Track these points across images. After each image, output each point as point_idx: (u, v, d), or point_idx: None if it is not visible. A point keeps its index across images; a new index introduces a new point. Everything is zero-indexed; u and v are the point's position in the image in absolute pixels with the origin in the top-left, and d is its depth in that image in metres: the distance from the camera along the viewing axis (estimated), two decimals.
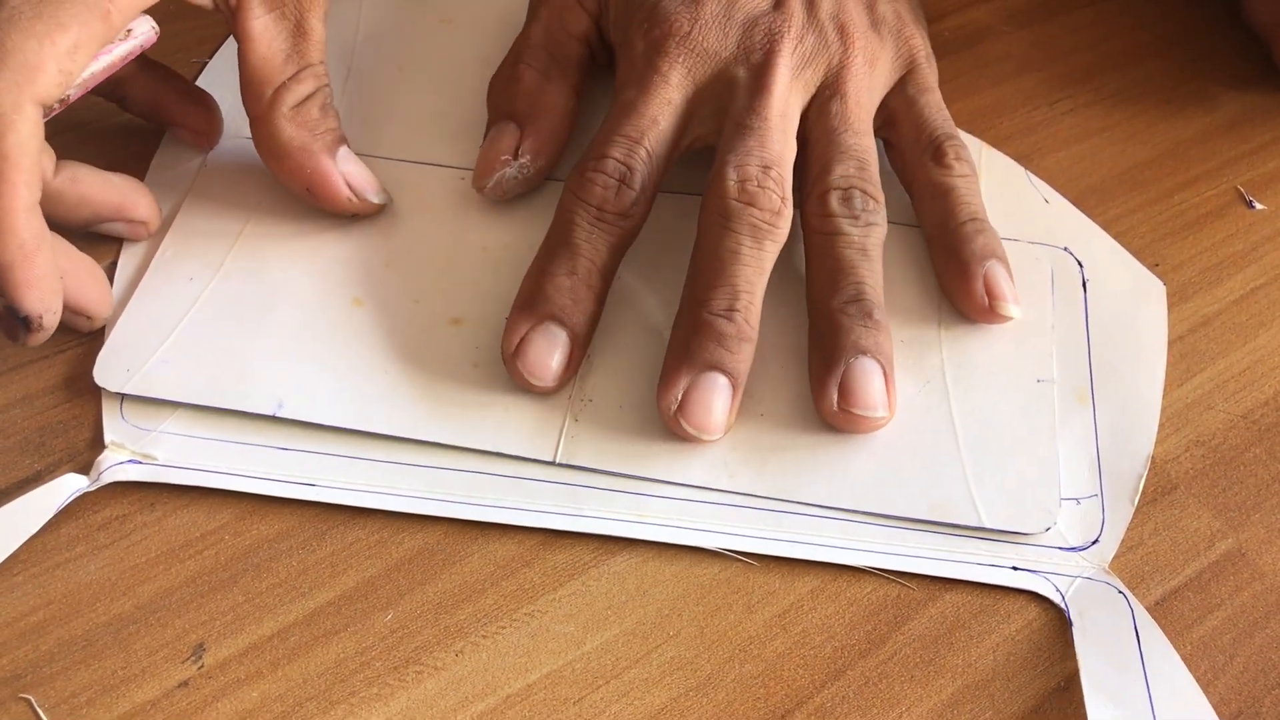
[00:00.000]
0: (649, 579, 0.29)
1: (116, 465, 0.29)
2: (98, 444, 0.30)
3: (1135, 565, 0.29)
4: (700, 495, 0.30)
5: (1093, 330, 0.33)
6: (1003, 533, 0.29)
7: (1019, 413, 0.31)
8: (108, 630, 0.27)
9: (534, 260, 0.32)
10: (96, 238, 0.33)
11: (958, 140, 0.34)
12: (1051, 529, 0.29)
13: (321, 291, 0.33)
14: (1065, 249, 0.35)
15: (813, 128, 0.33)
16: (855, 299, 0.31)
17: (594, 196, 0.31)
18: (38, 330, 0.28)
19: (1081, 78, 0.41)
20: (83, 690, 0.26)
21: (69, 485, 0.29)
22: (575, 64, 0.36)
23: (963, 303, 0.33)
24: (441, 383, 0.31)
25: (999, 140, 0.39)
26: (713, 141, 0.33)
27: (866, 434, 0.30)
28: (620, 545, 0.29)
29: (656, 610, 0.28)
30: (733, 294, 0.30)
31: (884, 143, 0.36)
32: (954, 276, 0.33)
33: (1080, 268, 0.35)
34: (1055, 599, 0.28)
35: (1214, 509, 0.30)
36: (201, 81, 0.38)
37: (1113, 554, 0.29)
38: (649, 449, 0.30)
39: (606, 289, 0.32)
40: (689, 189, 0.35)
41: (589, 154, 0.32)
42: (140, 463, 0.29)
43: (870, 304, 0.31)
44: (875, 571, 0.29)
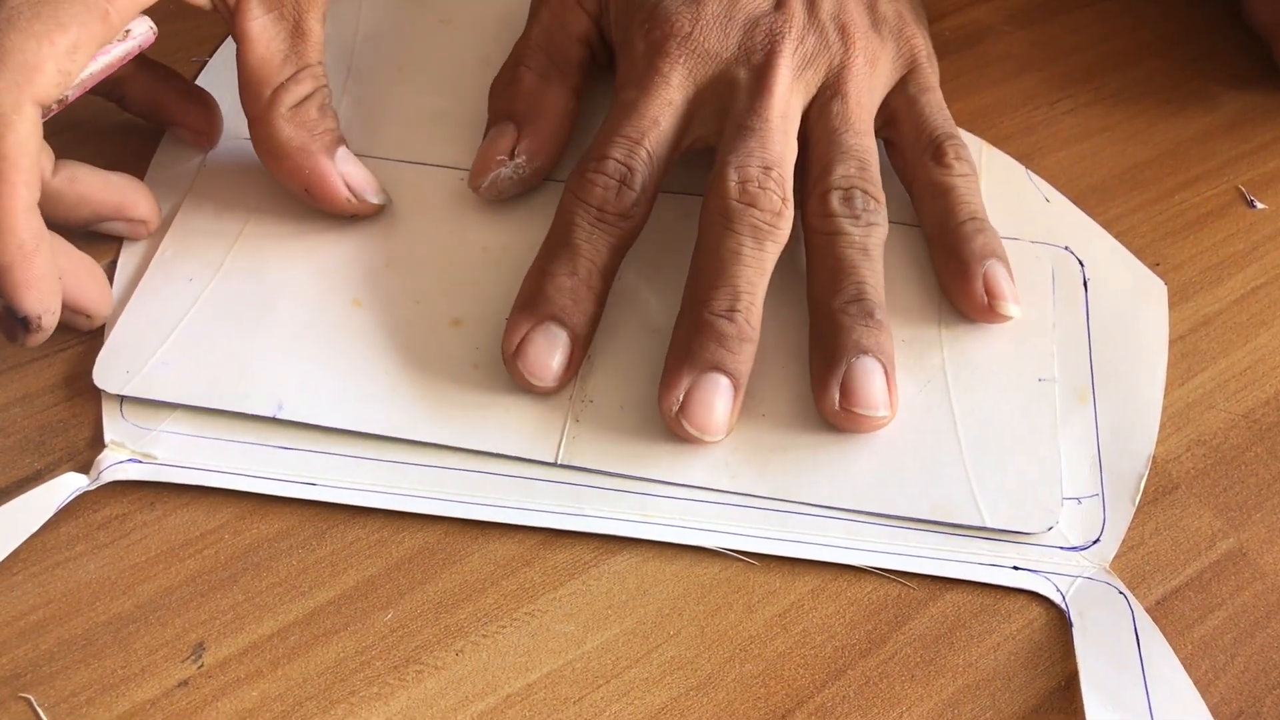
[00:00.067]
0: (649, 578, 0.29)
1: (116, 464, 0.29)
2: (98, 443, 0.30)
3: (1136, 565, 0.29)
4: (701, 495, 0.30)
5: (1093, 330, 0.33)
6: (1005, 532, 0.29)
7: (1020, 412, 0.31)
8: (107, 629, 0.27)
9: (534, 261, 0.31)
10: (96, 237, 0.33)
11: (958, 140, 0.34)
12: (1053, 529, 0.29)
13: (321, 292, 0.33)
14: (1066, 248, 0.35)
15: (814, 128, 0.33)
16: (856, 299, 0.31)
17: (594, 197, 0.31)
18: (37, 331, 0.28)
19: (1082, 77, 0.41)
20: (82, 689, 0.26)
21: (69, 484, 0.29)
22: (575, 66, 0.36)
23: (962, 302, 0.33)
24: (442, 383, 0.31)
25: (1000, 139, 0.39)
26: (713, 142, 0.33)
27: (868, 434, 0.30)
28: (621, 545, 0.29)
29: (657, 610, 0.28)
30: (734, 294, 0.30)
31: (885, 142, 0.36)
32: (954, 276, 0.33)
33: (1081, 267, 0.35)
34: (1056, 599, 0.28)
35: (1215, 509, 0.30)
36: (201, 80, 0.38)
37: (1113, 554, 0.29)
38: (650, 449, 0.30)
39: (607, 289, 0.32)
40: (690, 189, 0.35)
41: (589, 155, 0.32)
42: (140, 462, 0.29)
43: (871, 304, 0.31)
44: (876, 571, 0.29)
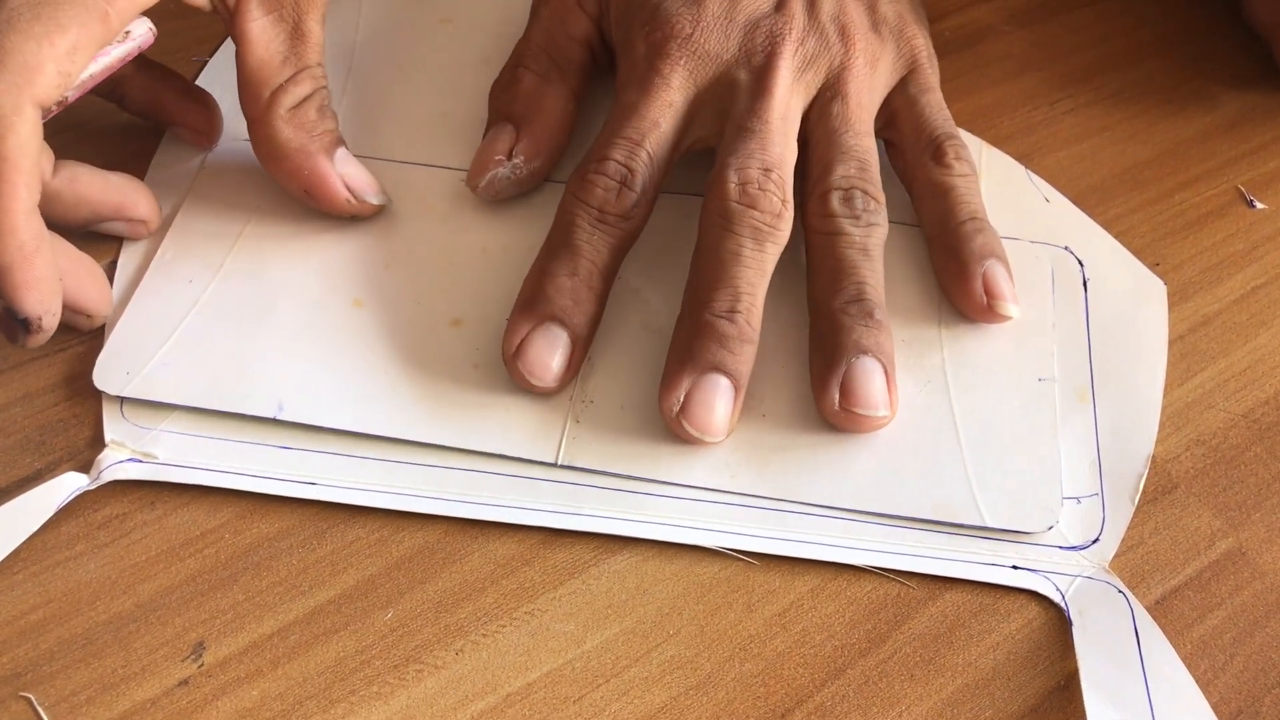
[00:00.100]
0: (649, 578, 0.29)
1: (117, 464, 0.29)
2: (98, 442, 0.30)
3: (1135, 564, 0.29)
4: (701, 494, 0.30)
5: (1093, 329, 0.33)
6: (1005, 532, 0.29)
7: (1020, 411, 0.31)
8: (108, 628, 0.27)
9: (535, 261, 0.32)
10: (96, 237, 0.33)
11: (958, 140, 0.34)
12: (1052, 528, 0.29)
13: (322, 293, 0.33)
14: (1066, 248, 0.35)
15: (814, 129, 0.33)
16: (856, 299, 0.31)
17: (595, 198, 0.31)
18: (37, 332, 0.29)
19: (1082, 77, 0.41)
20: (83, 688, 0.26)
21: (69, 484, 0.29)
22: (576, 67, 0.36)
23: (962, 302, 0.33)
24: (442, 384, 0.31)
25: (1000, 139, 0.39)
26: (714, 144, 0.33)
27: (868, 433, 0.30)
28: (620, 544, 0.29)
29: (656, 609, 0.28)
30: (734, 295, 0.30)
31: (885, 143, 0.36)
32: (953, 276, 0.33)
33: (1081, 267, 0.35)
34: (1055, 598, 0.28)
35: (1214, 508, 0.30)
36: (202, 80, 0.38)
37: (1113, 553, 0.29)
38: (651, 450, 0.30)
39: (607, 290, 0.32)
40: (690, 190, 0.35)
41: (590, 156, 0.32)
42: (140, 461, 0.29)
43: (871, 304, 0.31)
44: (875, 570, 0.29)
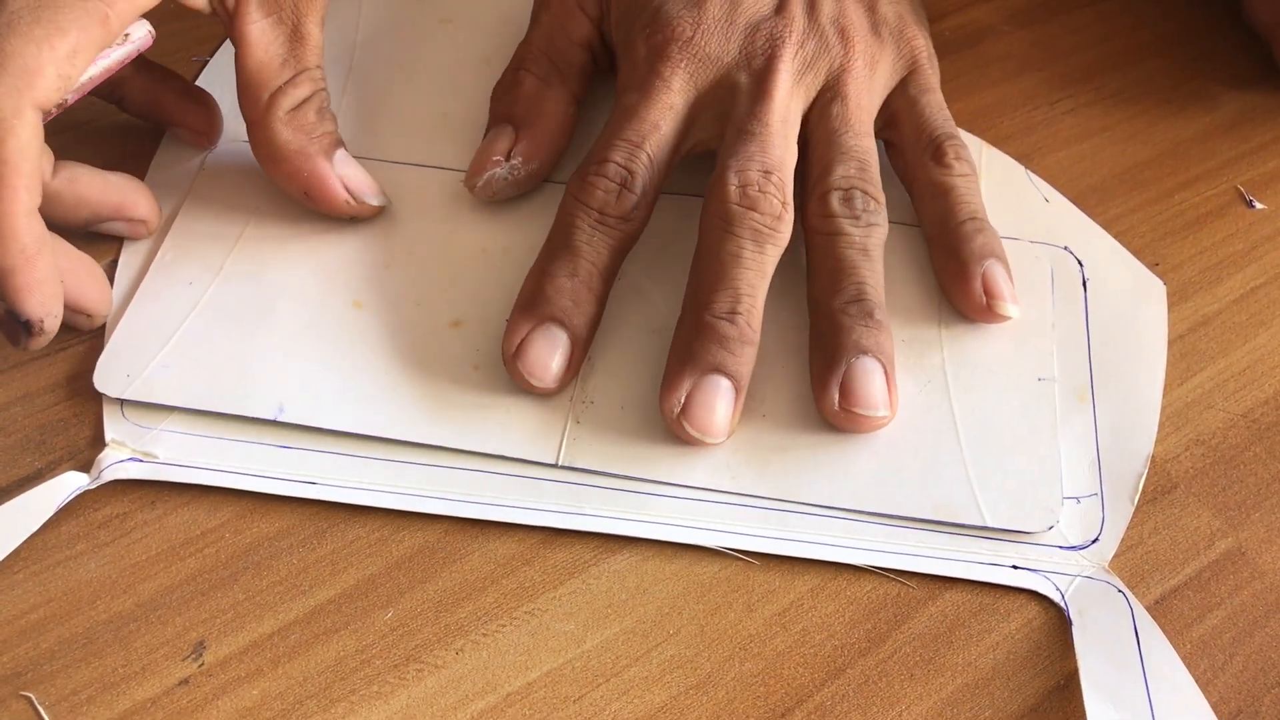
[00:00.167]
0: (649, 577, 0.29)
1: (117, 463, 0.29)
2: (98, 442, 0.30)
3: (1135, 564, 0.29)
4: (701, 494, 0.30)
5: (1093, 329, 0.33)
6: (1005, 532, 0.29)
7: (1020, 411, 0.31)
8: (108, 628, 0.27)
9: (535, 262, 0.32)
10: (96, 237, 0.33)
11: (958, 140, 0.34)
12: (1053, 528, 0.29)
13: (322, 294, 0.33)
14: (1065, 248, 0.35)
15: (814, 130, 0.33)
16: (856, 299, 0.31)
17: (595, 200, 0.31)
18: (39, 334, 0.29)
19: (1082, 77, 0.41)
20: (83, 688, 0.26)
21: (70, 483, 0.29)
22: (576, 70, 0.36)
23: (961, 302, 0.33)
24: (442, 385, 0.31)
25: (999, 139, 0.39)
26: (714, 146, 0.33)
27: (868, 434, 0.30)
28: (620, 543, 0.29)
29: (657, 608, 0.28)
30: (734, 297, 0.30)
31: (885, 143, 0.36)
32: (953, 276, 0.33)
33: (1080, 267, 0.35)
34: (1055, 598, 0.28)
35: (1214, 508, 0.30)
36: (203, 80, 0.38)
37: (1112, 553, 0.29)
38: (651, 451, 0.30)
39: (607, 291, 0.32)
40: (691, 190, 0.35)
41: (590, 158, 0.32)
42: (141, 461, 0.29)
43: (871, 304, 0.31)
44: (875, 570, 0.29)
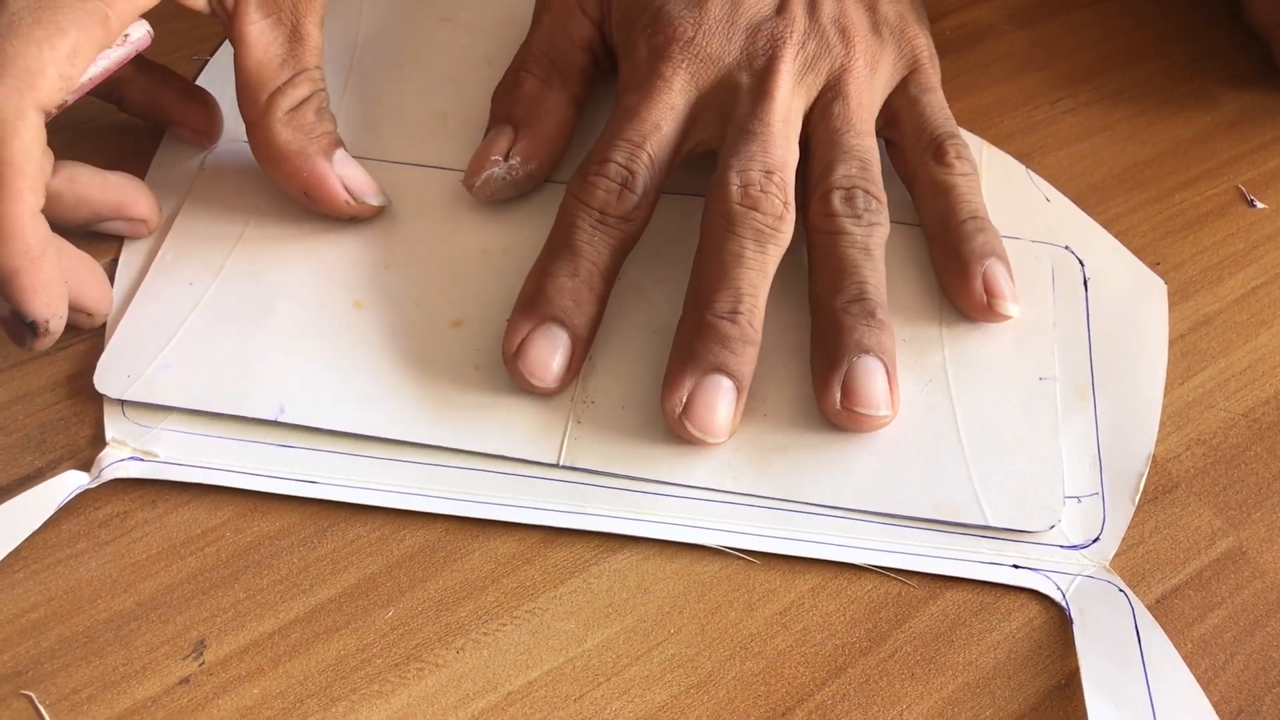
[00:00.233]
0: (650, 576, 0.29)
1: (118, 462, 0.29)
2: (99, 441, 0.30)
3: (1136, 563, 0.29)
4: (702, 494, 0.30)
5: (1094, 329, 0.33)
6: (1007, 531, 0.29)
7: (1021, 410, 0.31)
8: (109, 627, 0.27)
9: (536, 262, 0.32)
10: (97, 236, 0.33)
11: (959, 139, 0.34)
12: (1054, 527, 0.29)
13: (322, 294, 0.33)
14: (1066, 247, 0.35)
15: (815, 129, 0.33)
16: (858, 298, 0.31)
17: (596, 200, 0.31)
18: (44, 335, 0.29)
19: (1082, 77, 0.41)
20: (84, 687, 0.26)
21: (70, 482, 0.29)
22: (577, 72, 0.36)
23: (962, 301, 0.33)
24: (443, 385, 0.31)
25: (1000, 139, 0.39)
26: (715, 146, 0.33)
27: (870, 433, 0.30)
28: (621, 543, 0.29)
29: (657, 608, 0.28)
30: (736, 297, 0.30)
31: (886, 142, 0.36)
32: (953, 275, 0.33)
33: (1081, 266, 0.35)
34: (1056, 597, 0.28)
35: (1214, 507, 0.30)
36: (203, 79, 0.38)
37: (1114, 552, 0.29)
38: (652, 450, 0.30)
39: (608, 291, 0.32)
40: (692, 190, 0.35)
41: (591, 158, 0.32)
42: (141, 460, 0.29)
43: (873, 303, 0.31)
44: (876, 569, 0.29)
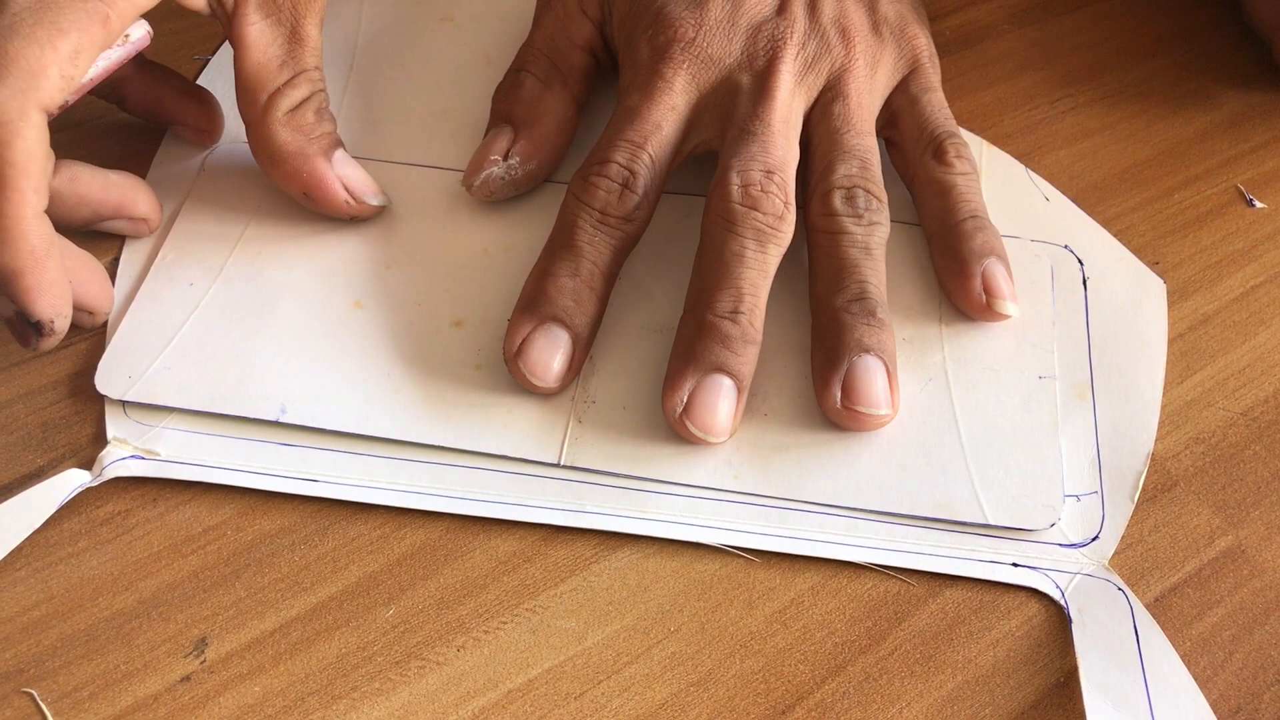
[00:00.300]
0: (650, 575, 0.29)
1: (119, 460, 0.29)
2: (100, 439, 0.30)
3: (1135, 562, 0.29)
4: (702, 492, 0.30)
5: (1093, 328, 0.33)
6: (1007, 530, 0.29)
7: (1021, 409, 0.31)
8: (110, 625, 0.27)
9: (536, 262, 0.32)
10: (98, 235, 0.33)
11: (959, 138, 0.34)
12: (1054, 525, 0.29)
13: (322, 294, 0.33)
14: (1066, 247, 0.35)
15: (815, 129, 0.33)
16: (858, 297, 0.31)
17: (597, 200, 0.31)
18: (49, 335, 0.29)
19: (1082, 76, 0.41)
20: (85, 685, 0.26)
21: (71, 480, 0.29)
22: (578, 72, 0.36)
23: (961, 300, 0.33)
24: (444, 385, 0.31)
25: (1000, 138, 0.39)
26: (716, 147, 0.33)
27: (870, 432, 0.31)
28: (621, 541, 0.29)
29: (658, 606, 0.28)
30: (737, 296, 0.30)
31: (886, 142, 0.36)
32: (953, 274, 0.33)
33: (1081, 265, 0.35)
34: (1055, 595, 0.28)
35: (1213, 506, 0.30)
36: (204, 79, 0.38)
37: (1113, 551, 0.29)
38: (653, 450, 0.30)
39: (609, 291, 0.32)
40: (693, 190, 0.35)
41: (592, 158, 0.32)
42: (143, 458, 0.30)
43: (873, 302, 0.31)
44: (875, 568, 0.29)
